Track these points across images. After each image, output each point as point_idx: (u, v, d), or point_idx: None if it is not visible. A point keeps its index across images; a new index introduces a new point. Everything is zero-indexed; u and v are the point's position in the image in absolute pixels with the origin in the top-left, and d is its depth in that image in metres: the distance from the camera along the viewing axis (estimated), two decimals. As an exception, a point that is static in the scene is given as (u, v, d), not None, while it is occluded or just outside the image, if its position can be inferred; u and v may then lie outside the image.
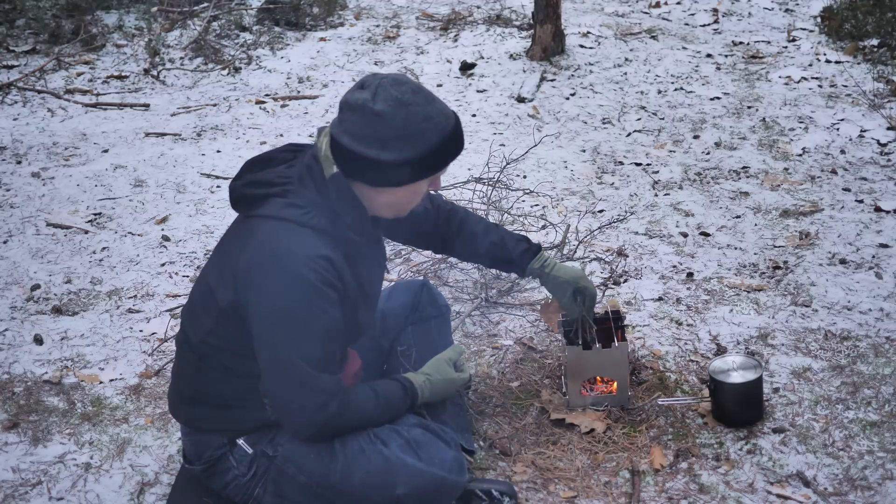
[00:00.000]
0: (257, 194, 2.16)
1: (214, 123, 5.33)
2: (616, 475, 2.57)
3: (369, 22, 6.98)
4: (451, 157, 2.16)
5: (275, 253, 2.07)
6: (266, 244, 2.09)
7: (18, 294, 3.64)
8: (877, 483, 2.51)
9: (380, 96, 2.05)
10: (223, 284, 2.16)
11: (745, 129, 5.07)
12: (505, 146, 4.84)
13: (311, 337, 2.09)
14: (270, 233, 2.09)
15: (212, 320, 2.19)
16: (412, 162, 2.08)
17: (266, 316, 2.08)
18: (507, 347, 3.20)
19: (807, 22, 6.74)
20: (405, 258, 3.78)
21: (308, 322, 2.07)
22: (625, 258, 3.76)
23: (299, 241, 2.08)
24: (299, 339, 2.07)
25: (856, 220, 4.00)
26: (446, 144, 2.12)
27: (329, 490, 2.23)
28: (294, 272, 2.05)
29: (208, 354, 2.23)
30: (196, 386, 2.27)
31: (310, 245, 2.07)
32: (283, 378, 2.10)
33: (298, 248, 2.06)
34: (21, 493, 2.59)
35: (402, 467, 2.22)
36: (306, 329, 2.08)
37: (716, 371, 2.77)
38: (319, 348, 2.10)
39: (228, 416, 2.26)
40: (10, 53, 6.37)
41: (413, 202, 2.21)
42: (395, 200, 2.17)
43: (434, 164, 2.13)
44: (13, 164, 4.84)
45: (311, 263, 2.06)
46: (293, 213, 2.10)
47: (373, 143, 2.05)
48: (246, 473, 2.27)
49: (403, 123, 2.05)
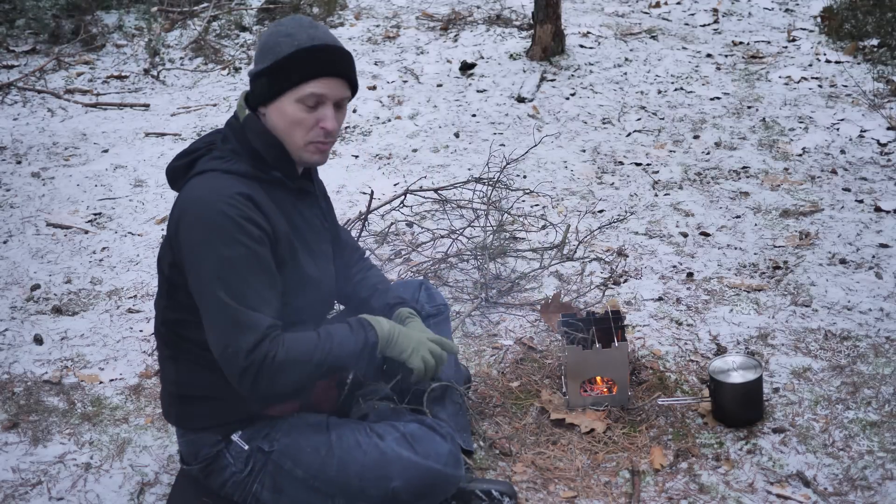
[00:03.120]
0: (185, 162, 2.24)
1: (214, 123, 5.33)
2: (616, 475, 2.57)
3: (369, 22, 6.98)
4: (306, 73, 2.14)
5: (195, 199, 2.12)
6: (188, 194, 2.15)
7: (18, 294, 3.64)
8: (877, 483, 2.51)
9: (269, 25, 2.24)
10: (164, 254, 2.21)
11: (745, 129, 5.07)
12: (505, 146, 4.84)
13: (235, 272, 2.08)
14: (193, 185, 2.16)
15: (164, 297, 2.24)
16: (266, 71, 2.15)
17: (193, 259, 2.11)
18: (507, 347, 3.20)
19: (807, 22, 6.74)
20: (405, 258, 3.78)
21: (231, 257, 2.07)
22: (625, 258, 3.77)
23: (218, 184, 2.13)
24: (224, 274, 2.07)
25: (856, 220, 4.01)
26: (298, 58, 2.13)
27: (326, 483, 2.23)
28: (212, 208, 2.08)
29: (175, 336, 2.25)
30: (178, 381, 2.28)
31: (228, 185, 2.12)
32: (215, 320, 2.08)
33: (217, 190, 2.11)
34: (21, 493, 2.59)
35: (397, 460, 2.23)
36: (231, 264, 2.07)
37: (716, 371, 2.77)
38: (246, 284, 2.08)
39: (215, 408, 2.26)
40: (10, 53, 6.38)
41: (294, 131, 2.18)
42: (276, 125, 2.19)
43: (286, 76, 2.14)
44: (13, 164, 4.84)
45: (230, 200, 2.09)
46: (214, 163, 2.18)
47: (251, 65, 2.21)
48: (243, 470, 2.27)
49: (266, 39, 2.18)
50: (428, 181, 4.47)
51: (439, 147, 4.94)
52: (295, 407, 2.33)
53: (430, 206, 4.22)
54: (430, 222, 4.10)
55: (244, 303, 2.07)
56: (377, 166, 4.73)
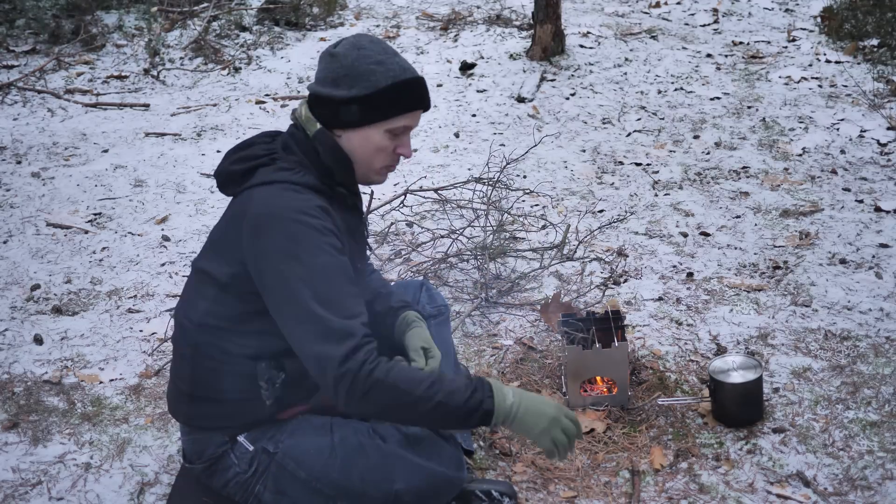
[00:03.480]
0: (244, 168, 2.21)
1: (214, 123, 5.33)
2: (616, 475, 2.57)
3: (369, 22, 6.98)
4: (403, 107, 2.16)
5: (273, 210, 2.09)
6: (263, 205, 2.11)
7: (18, 294, 3.64)
8: (877, 483, 2.51)
9: (341, 43, 2.18)
10: (222, 261, 2.18)
11: (745, 129, 5.07)
12: (505, 146, 4.84)
13: (325, 281, 2.06)
14: (265, 196, 2.13)
15: (208, 301, 2.20)
16: (359, 100, 2.12)
17: (277, 270, 2.07)
18: (507, 347, 3.20)
19: (807, 22, 6.74)
20: (405, 258, 3.78)
21: (320, 266, 2.06)
22: (625, 258, 3.76)
23: (294, 196, 2.11)
24: (315, 284, 2.05)
25: (856, 220, 4.00)
26: (396, 90, 2.14)
27: (328, 485, 2.23)
28: (295, 220, 2.07)
29: (205, 341, 2.23)
30: (193, 381, 2.27)
31: (304, 198, 2.11)
32: (307, 330, 2.04)
33: (295, 202, 2.10)
34: (21, 493, 2.59)
35: (400, 462, 2.23)
36: (320, 273, 2.06)
37: (716, 371, 2.77)
38: (336, 292, 2.06)
39: (227, 411, 2.26)
40: (10, 53, 6.38)
41: (375, 158, 2.20)
42: (354, 150, 2.19)
43: (383, 108, 2.15)
44: (13, 164, 4.84)
45: (312, 211, 2.09)
46: (283, 174, 2.15)
47: (328, 82, 2.15)
48: (247, 471, 2.27)
49: (353, 62, 2.13)
50: (428, 181, 4.47)
51: (439, 147, 4.94)
52: (305, 409, 2.33)
53: (430, 206, 4.22)
54: (430, 222, 4.10)
55: (336, 311, 2.04)
56: (377, 166, 4.72)
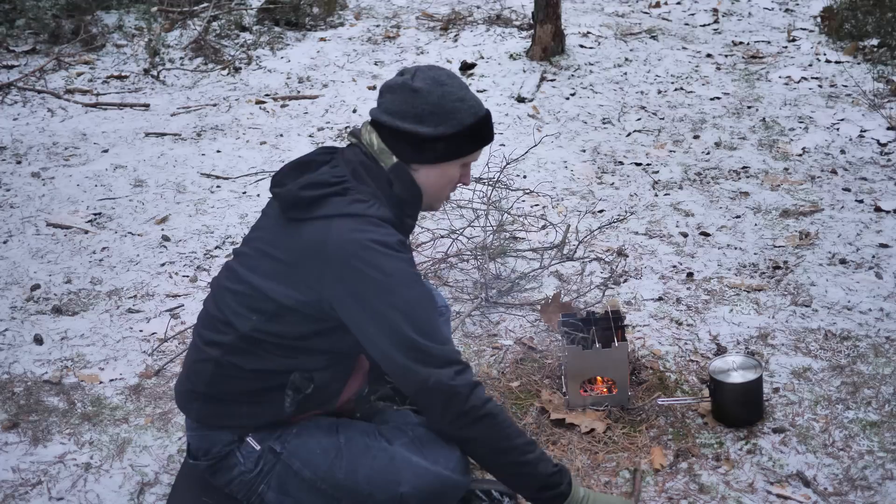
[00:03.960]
0: (315, 195, 2.17)
1: (214, 123, 5.33)
2: (616, 475, 2.57)
3: (369, 22, 6.98)
4: (482, 142, 2.25)
5: (361, 245, 2.09)
6: (348, 240, 2.10)
7: (18, 294, 3.64)
8: (877, 483, 2.51)
9: (418, 76, 2.19)
10: (289, 286, 2.15)
11: (745, 129, 5.08)
12: (505, 146, 4.84)
13: (423, 311, 2.11)
14: (346, 230, 2.11)
15: (264, 317, 2.18)
16: (446, 138, 2.17)
17: (374, 305, 2.09)
18: (507, 347, 3.20)
19: (807, 22, 6.74)
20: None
21: (417, 298, 2.11)
22: (625, 258, 3.76)
23: (376, 230, 2.13)
24: (414, 315, 2.09)
25: (856, 220, 4.01)
26: (479, 127, 2.21)
27: (333, 487, 2.23)
28: (385, 254, 2.10)
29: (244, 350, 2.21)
30: (214, 384, 2.25)
31: (387, 232, 2.14)
32: (410, 360, 2.08)
33: (380, 237, 2.12)
34: (21, 493, 2.59)
35: (406, 465, 2.22)
36: (418, 304, 2.10)
37: (716, 371, 2.77)
38: (432, 322, 2.13)
39: (243, 413, 2.25)
40: (10, 53, 6.38)
41: (445, 189, 2.28)
42: (429, 183, 2.23)
43: (466, 144, 2.21)
44: (13, 164, 4.84)
45: (397, 246, 2.12)
46: (359, 207, 2.14)
47: (410, 117, 2.16)
48: (252, 470, 2.27)
49: (439, 100, 2.16)
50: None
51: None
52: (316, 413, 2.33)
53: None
54: (430, 222, 4.10)
55: (436, 339, 2.10)
56: (377, 166, 4.72)
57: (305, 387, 2.23)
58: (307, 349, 2.20)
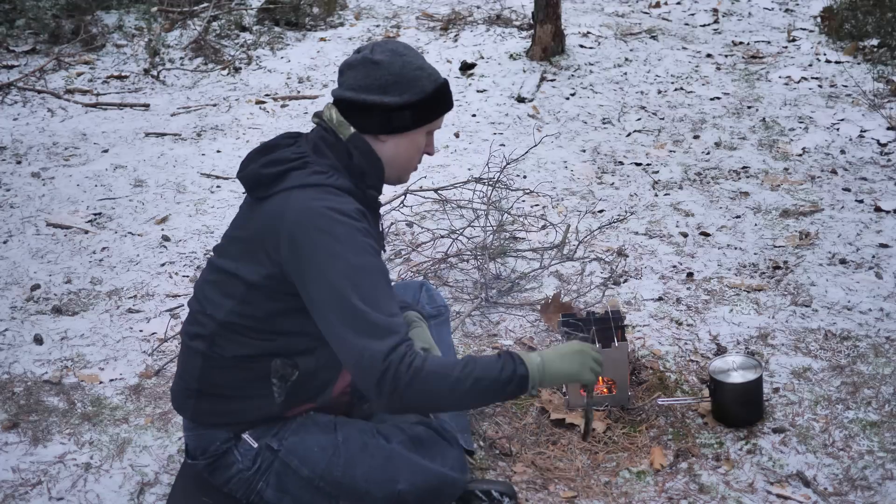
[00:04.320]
0: (275, 172, 2.21)
1: (214, 123, 5.33)
2: (616, 475, 2.57)
3: (369, 22, 6.98)
4: (445, 108, 2.28)
5: (315, 211, 2.11)
6: (304, 208, 2.12)
7: (18, 294, 3.64)
8: (877, 483, 2.51)
9: (377, 50, 2.22)
10: (254, 262, 2.18)
11: (745, 129, 5.08)
12: (505, 146, 4.84)
13: (368, 279, 2.09)
14: (304, 199, 2.14)
15: (235, 300, 2.21)
16: (411, 105, 2.20)
17: (323, 270, 2.08)
18: (507, 347, 3.20)
19: (807, 22, 6.74)
20: (405, 258, 3.78)
21: (364, 265, 2.09)
22: (625, 258, 3.76)
23: (332, 199, 2.14)
24: (358, 282, 2.07)
25: (856, 220, 4.01)
26: (440, 93, 2.24)
27: (331, 484, 2.24)
28: (337, 221, 2.10)
29: (225, 338, 2.23)
30: (203, 378, 2.26)
31: (343, 200, 2.15)
32: (349, 328, 2.05)
33: (336, 204, 2.13)
34: (21, 493, 2.59)
35: (403, 463, 2.23)
36: (364, 272, 2.09)
37: (716, 371, 2.77)
38: (379, 291, 2.09)
39: (235, 407, 2.26)
40: (10, 53, 6.38)
41: (414, 159, 2.29)
42: (399, 153, 2.25)
43: (431, 111, 2.24)
44: (13, 164, 4.84)
45: (352, 213, 2.13)
46: (318, 178, 2.17)
47: (375, 89, 2.19)
48: (250, 468, 2.27)
49: (401, 70, 2.20)
50: (428, 181, 4.47)
51: (439, 147, 4.94)
52: (312, 407, 2.33)
53: (430, 206, 4.22)
54: (430, 222, 4.10)
55: (379, 309, 2.06)
56: (377, 166, 4.72)
57: (290, 374, 2.22)
58: (283, 332, 2.20)
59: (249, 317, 2.20)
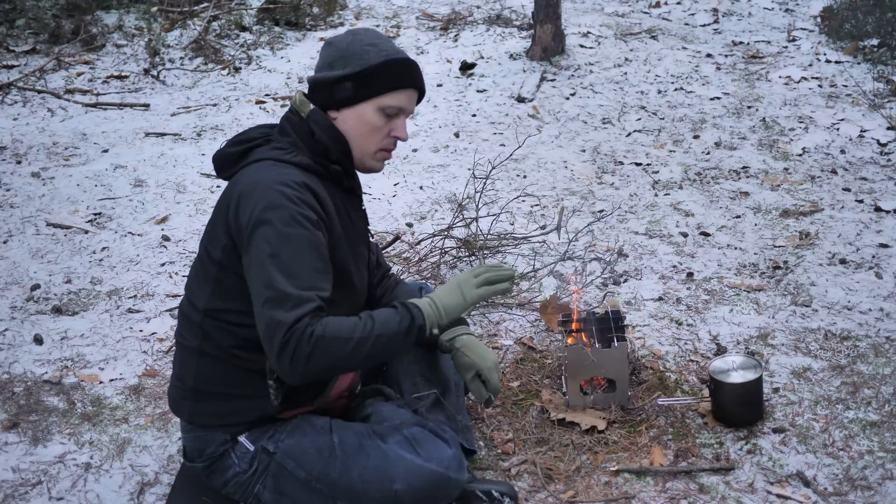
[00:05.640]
0: (240, 150, 2.27)
1: (214, 123, 5.33)
2: (616, 475, 2.57)
3: (369, 22, 6.98)
4: (394, 82, 2.23)
5: (256, 182, 2.15)
6: (248, 179, 2.17)
7: (18, 294, 3.64)
8: (877, 483, 2.51)
9: (339, 34, 2.32)
10: (216, 239, 2.21)
11: (745, 129, 5.08)
12: (505, 146, 4.84)
13: (291, 250, 2.08)
14: (255, 170, 2.19)
15: (211, 283, 2.23)
16: (351, 77, 2.20)
17: (251, 237, 2.11)
18: (507, 347, 3.20)
19: (807, 22, 6.74)
20: (404, 259, 3.78)
21: (290, 235, 2.09)
22: (625, 258, 3.76)
23: (279, 170, 2.17)
24: (281, 252, 2.08)
25: (856, 220, 4.00)
26: (387, 67, 2.21)
27: (328, 485, 2.24)
28: (273, 190, 2.11)
29: (213, 327, 2.23)
30: (197, 375, 2.27)
31: (289, 172, 2.17)
32: (264, 296, 2.07)
33: (279, 175, 2.15)
34: (21, 493, 2.59)
35: (400, 463, 2.23)
36: (288, 243, 2.08)
37: (716, 371, 2.77)
38: (300, 263, 2.08)
39: (232, 408, 2.26)
40: (10, 53, 6.38)
41: (368, 138, 2.25)
42: (351, 129, 2.24)
43: (373, 83, 2.22)
44: (13, 164, 4.84)
45: (291, 183, 2.13)
46: (276, 153, 2.22)
47: (325, 67, 2.26)
48: (247, 470, 2.27)
49: (348, 45, 2.24)
50: (428, 181, 4.47)
51: (439, 147, 4.94)
52: (308, 409, 2.32)
53: (431, 207, 4.22)
54: (430, 223, 4.10)
55: (295, 282, 2.06)
56: (377, 166, 4.72)
57: None
58: None
59: (228, 300, 2.21)
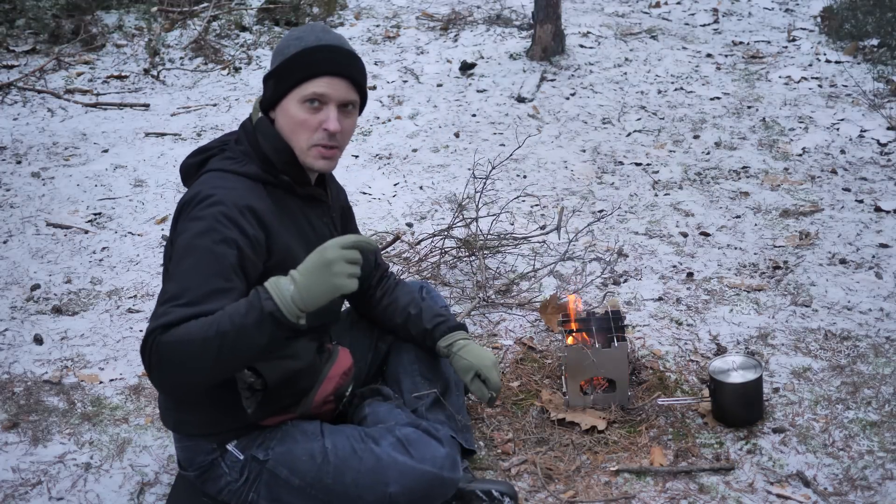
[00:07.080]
0: (198, 160, 2.28)
1: (214, 123, 5.33)
2: (616, 475, 2.57)
3: (369, 22, 6.98)
4: (306, 71, 2.16)
5: (193, 193, 2.14)
6: (193, 191, 2.16)
7: (18, 294, 3.64)
8: (877, 483, 2.51)
9: None
10: (168, 250, 2.20)
11: (745, 129, 5.07)
12: (505, 146, 4.84)
13: (190, 263, 2.04)
14: (200, 182, 2.19)
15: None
16: (273, 73, 2.20)
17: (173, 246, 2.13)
18: (507, 347, 3.20)
19: (807, 22, 6.74)
20: (404, 258, 3.78)
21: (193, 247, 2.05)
22: (625, 258, 3.76)
23: (220, 183, 2.15)
24: (181, 261, 2.05)
25: (856, 220, 4.00)
26: (301, 57, 2.17)
27: (323, 491, 2.23)
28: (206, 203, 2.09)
29: None
30: None
31: (230, 185, 2.14)
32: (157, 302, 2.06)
33: (215, 188, 2.13)
34: (21, 493, 2.59)
35: (393, 465, 2.23)
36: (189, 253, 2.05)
37: (716, 371, 2.77)
38: (196, 277, 2.02)
39: (212, 418, 2.25)
40: (10, 53, 6.37)
41: (298, 132, 2.19)
42: (284, 127, 2.21)
43: (288, 74, 2.17)
44: (13, 164, 4.84)
45: (224, 201, 2.09)
46: (226, 163, 2.21)
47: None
48: (238, 479, 2.27)
49: (279, 44, 2.23)
50: (427, 180, 4.47)
51: (439, 147, 4.94)
52: (292, 417, 2.31)
53: (430, 208, 4.22)
54: (430, 224, 4.10)
55: (182, 289, 2.02)
56: (377, 166, 4.73)
57: (255, 383, 2.14)
58: None
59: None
